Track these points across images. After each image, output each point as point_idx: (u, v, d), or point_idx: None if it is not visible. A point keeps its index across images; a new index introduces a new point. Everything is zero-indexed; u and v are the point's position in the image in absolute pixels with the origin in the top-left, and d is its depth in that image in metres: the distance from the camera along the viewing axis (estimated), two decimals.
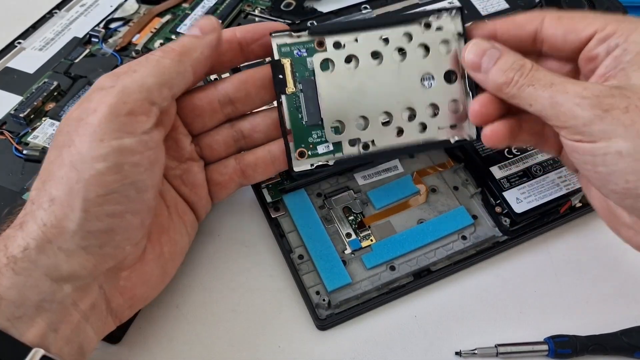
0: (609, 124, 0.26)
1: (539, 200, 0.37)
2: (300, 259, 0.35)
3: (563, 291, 0.36)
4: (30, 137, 0.42)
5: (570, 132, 0.27)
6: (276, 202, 0.38)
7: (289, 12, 0.53)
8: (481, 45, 0.30)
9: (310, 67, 0.32)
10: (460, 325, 0.34)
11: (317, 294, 0.34)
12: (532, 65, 0.29)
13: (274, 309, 0.35)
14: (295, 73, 0.32)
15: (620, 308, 0.35)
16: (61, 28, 0.52)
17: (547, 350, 0.32)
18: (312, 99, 0.32)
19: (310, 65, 0.32)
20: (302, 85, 0.32)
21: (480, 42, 0.31)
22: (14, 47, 0.50)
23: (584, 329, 0.33)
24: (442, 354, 0.33)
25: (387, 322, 0.34)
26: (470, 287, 0.36)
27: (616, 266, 0.37)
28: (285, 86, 0.32)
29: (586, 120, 0.26)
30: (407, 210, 0.38)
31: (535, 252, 0.38)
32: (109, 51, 0.49)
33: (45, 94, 0.44)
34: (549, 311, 0.35)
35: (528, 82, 0.28)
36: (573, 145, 0.27)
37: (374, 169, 0.40)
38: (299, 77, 0.32)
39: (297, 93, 0.32)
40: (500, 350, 0.32)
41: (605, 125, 0.26)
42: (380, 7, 0.50)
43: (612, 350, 0.33)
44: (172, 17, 0.52)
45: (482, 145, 0.40)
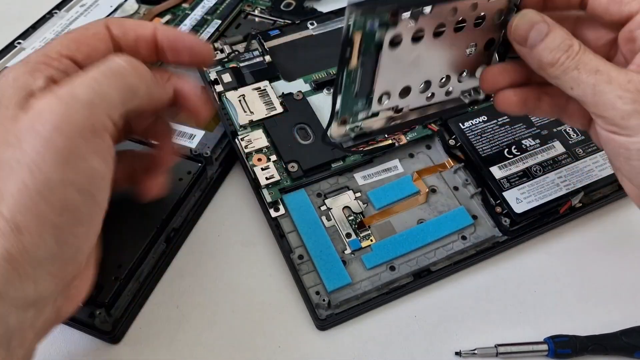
0: None
1: (538, 200, 0.37)
2: (300, 259, 0.35)
3: (563, 291, 0.36)
4: None
5: (607, 122, 0.27)
6: (276, 202, 0.38)
7: (289, 12, 0.53)
8: (531, 17, 0.29)
9: (378, 41, 0.30)
10: (460, 325, 0.34)
11: (317, 294, 0.34)
12: (580, 47, 0.28)
13: (273, 309, 0.35)
14: (362, 47, 0.30)
15: (620, 308, 0.35)
16: (61, 28, 0.52)
17: (547, 350, 0.32)
18: (370, 74, 0.31)
19: (379, 39, 0.29)
20: (363, 59, 0.30)
21: (530, 13, 0.29)
22: (14, 47, 0.50)
23: (583, 329, 0.33)
24: (442, 354, 0.33)
25: (387, 322, 0.34)
26: (470, 287, 0.36)
27: (616, 266, 0.37)
28: (349, 63, 0.30)
29: (625, 113, 0.26)
30: (407, 210, 0.38)
31: (535, 252, 0.38)
32: None
33: None
34: (549, 311, 0.35)
35: (574, 65, 0.27)
36: (608, 135, 0.27)
37: (374, 169, 0.40)
38: (363, 50, 0.30)
39: (357, 67, 0.30)
40: (500, 350, 0.32)
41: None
42: None
43: (612, 350, 0.33)
44: (172, 17, 0.52)
45: (482, 145, 0.40)
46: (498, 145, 0.40)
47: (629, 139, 0.26)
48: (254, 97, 0.42)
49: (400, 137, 0.40)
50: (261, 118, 0.41)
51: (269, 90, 0.42)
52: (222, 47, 0.45)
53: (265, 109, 0.41)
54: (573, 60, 0.27)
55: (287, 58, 0.45)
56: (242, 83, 0.43)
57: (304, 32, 0.47)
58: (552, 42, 0.28)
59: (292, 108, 0.42)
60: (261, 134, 0.40)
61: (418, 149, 0.41)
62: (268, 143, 0.40)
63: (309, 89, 0.43)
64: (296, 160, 0.39)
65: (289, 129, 0.40)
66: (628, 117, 0.26)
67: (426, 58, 0.31)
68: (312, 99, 0.42)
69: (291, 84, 0.43)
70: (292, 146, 0.39)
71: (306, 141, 0.40)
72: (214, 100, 0.43)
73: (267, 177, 0.38)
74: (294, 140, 0.40)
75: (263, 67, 0.44)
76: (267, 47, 0.45)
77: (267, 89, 0.42)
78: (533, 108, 0.32)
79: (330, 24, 0.48)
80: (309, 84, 0.43)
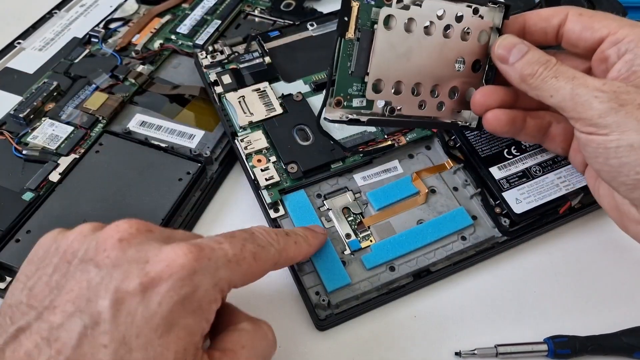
0: (623, 117, 0.27)
1: (538, 200, 0.37)
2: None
3: (562, 291, 0.36)
4: (29, 137, 0.42)
5: (585, 123, 0.29)
6: (276, 203, 0.38)
7: (288, 12, 0.53)
8: (511, 40, 0.32)
9: (374, 18, 0.32)
10: (460, 326, 0.34)
11: (317, 295, 0.34)
12: (557, 61, 0.30)
13: (273, 309, 0.35)
14: (359, 20, 0.32)
15: (620, 308, 0.35)
16: (61, 28, 0.52)
17: (547, 350, 0.32)
18: (365, 50, 0.32)
19: (375, 16, 0.32)
20: (360, 34, 0.32)
21: (511, 37, 0.32)
22: (14, 47, 0.50)
23: (583, 329, 0.33)
24: (442, 354, 0.33)
25: (387, 323, 0.35)
26: (470, 287, 0.36)
27: (615, 266, 0.37)
28: (347, 30, 0.31)
29: (602, 112, 0.28)
30: (406, 211, 0.38)
31: (535, 253, 0.38)
32: (109, 51, 0.49)
33: (45, 94, 0.44)
34: (549, 311, 0.35)
35: (552, 74, 0.30)
36: (587, 138, 0.29)
37: (373, 170, 0.40)
38: (360, 24, 0.32)
39: (353, 41, 0.32)
40: (499, 351, 0.33)
41: (620, 118, 0.27)
42: None
43: (611, 351, 0.33)
44: (172, 17, 0.52)
45: (482, 144, 0.40)
46: (497, 145, 0.40)
47: (606, 138, 0.28)
48: (254, 98, 0.42)
49: (399, 137, 0.41)
50: (261, 119, 0.41)
51: (269, 92, 0.42)
52: (222, 48, 0.45)
53: (265, 110, 0.41)
54: (551, 70, 0.30)
55: (286, 59, 0.45)
56: (241, 84, 0.43)
57: (304, 33, 0.48)
58: (531, 57, 0.31)
59: (291, 109, 0.42)
60: (261, 135, 0.40)
61: (417, 150, 0.41)
62: (268, 144, 0.40)
63: (308, 90, 0.43)
64: (296, 161, 0.39)
65: (289, 130, 0.40)
66: (605, 115, 0.28)
67: (417, 54, 0.33)
68: (312, 100, 0.42)
69: (291, 85, 0.43)
70: (291, 147, 0.39)
71: (306, 142, 0.40)
72: (214, 102, 0.43)
73: (267, 178, 0.38)
74: (293, 141, 0.40)
75: (263, 68, 0.44)
76: (266, 49, 0.45)
77: (267, 90, 0.43)
78: (520, 128, 0.35)
79: (330, 25, 0.48)
80: (309, 85, 0.43)
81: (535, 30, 0.34)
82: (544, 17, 0.33)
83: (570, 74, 0.30)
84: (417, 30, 0.33)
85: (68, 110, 0.44)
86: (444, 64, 0.34)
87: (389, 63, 0.33)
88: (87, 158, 0.40)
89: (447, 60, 0.34)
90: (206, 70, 0.44)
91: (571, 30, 0.32)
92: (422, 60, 0.33)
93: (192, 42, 0.50)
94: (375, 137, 0.40)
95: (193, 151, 0.42)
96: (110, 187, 0.38)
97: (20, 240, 0.36)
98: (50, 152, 0.41)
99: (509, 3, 0.35)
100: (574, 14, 0.32)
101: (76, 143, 0.42)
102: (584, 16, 0.32)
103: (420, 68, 0.33)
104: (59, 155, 0.41)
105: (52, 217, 0.37)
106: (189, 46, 0.49)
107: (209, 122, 0.44)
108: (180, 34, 0.50)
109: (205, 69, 0.44)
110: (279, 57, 0.45)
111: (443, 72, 0.34)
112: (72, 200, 0.38)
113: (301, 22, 0.48)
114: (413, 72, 0.33)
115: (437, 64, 0.34)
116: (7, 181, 0.39)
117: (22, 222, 0.36)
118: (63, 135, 0.42)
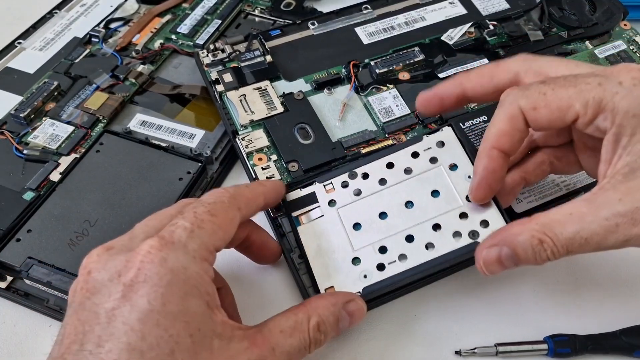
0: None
1: (539, 200, 0.37)
2: (300, 259, 0.35)
3: (563, 290, 0.36)
4: (30, 137, 0.42)
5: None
6: None
7: (289, 12, 0.53)
8: (487, 253, 0.29)
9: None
10: (460, 325, 0.34)
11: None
12: (547, 232, 0.27)
13: (273, 309, 0.35)
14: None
15: (620, 307, 0.35)
16: (61, 28, 0.52)
17: (547, 349, 0.32)
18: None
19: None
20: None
21: (480, 250, 0.29)
22: (14, 47, 0.50)
23: (583, 328, 0.33)
24: (442, 353, 0.33)
25: (387, 322, 0.35)
26: (470, 286, 0.36)
27: (615, 266, 0.37)
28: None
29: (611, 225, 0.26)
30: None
31: None
32: (109, 51, 0.49)
33: (45, 94, 0.44)
34: (549, 310, 0.35)
35: (557, 247, 0.27)
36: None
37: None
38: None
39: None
40: (500, 350, 0.33)
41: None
42: (381, 7, 0.50)
43: (611, 350, 0.33)
44: (172, 17, 0.52)
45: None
46: None
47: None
48: (255, 97, 0.42)
49: (400, 136, 0.41)
50: (262, 118, 0.41)
51: (270, 90, 0.42)
52: (223, 46, 0.45)
53: (266, 108, 0.41)
54: (552, 245, 0.27)
55: (288, 58, 0.46)
56: (243, 83, 0.43)
57: (305, 32, 0.48)
58: (524, 253, 0.27)
59: (292, 108, 0.42)
60: (262, 134, 0.40)
61: None
62: (269, 143, 0.40)
63: (309, 88, 0.43)
64: (297, 159, 0.39)
65: (290, 129, 0.40)
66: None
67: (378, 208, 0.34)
68: (313, 99, 0.42)
69: (292, 84, 0.43)
70: (292, 146, 0.39)
71: (307, 141, 0.40)
72: (215, 100, 0.43)
73: (268, 177, 0.38)
74: (294, 140, 0.40)
75: (264, 66, 0.44)
76: (268, 47, 0.45)
77: (268, 88, 0.43)
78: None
79: (331, 24, 0.48)
80: (310, 83, 0.43)
81: (515, 146, 0.30)
82: (507, 131, 0.29)
83: (570, 232, 0.27)
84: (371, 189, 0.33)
85: (68, 110, 0.44)
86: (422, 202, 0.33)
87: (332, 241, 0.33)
88: (87, 158, 0.40)
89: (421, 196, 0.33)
90: (207, 68, 0.44)
91: (538, 126, 0.29)
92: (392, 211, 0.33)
93: (193, 42, 0.50)
94: (376, 136, 0.40)
95: (193, 151, 0.42)
96: (111, 186, 0.38)
97: (20, 239, 0.36)
98: (51, 151, 0.41)
99: (451, 123, 0.34)
100: (528, 110, 0.29)
101: (77, 143, 0.42)
102: (540, 109, 0.28)
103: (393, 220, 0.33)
104: (59, 154, 0.41)
105: (53, 216, 0.37)
106: (190, 46, 0.49)
107: (210, 121, 0.44)
108: (180, 34, 0.50)
109: (207, 67, 0.44)
110: (280, 55, 0.45)
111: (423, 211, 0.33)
112: (73, 199, 0.38)
113: (302, 21, 0.48)
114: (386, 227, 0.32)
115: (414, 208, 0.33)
116: (7, 181, 0.39)
117: (22, 221, 0.36)
118: (64, 135, 0.42)
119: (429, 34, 0.47)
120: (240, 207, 0.30)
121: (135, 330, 0.23)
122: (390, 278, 0.31)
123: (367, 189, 0.33)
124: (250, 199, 0.31)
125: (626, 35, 0.47)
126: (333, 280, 0.32)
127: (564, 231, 0.26)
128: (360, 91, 0.43)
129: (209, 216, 0.28)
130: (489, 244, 0.29)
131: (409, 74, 0.44)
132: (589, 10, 0.48)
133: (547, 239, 0.27)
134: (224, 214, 0.28)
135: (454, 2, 0.50)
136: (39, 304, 0.34)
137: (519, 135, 0.30)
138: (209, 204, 0.28)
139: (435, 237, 0.32)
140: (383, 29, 0.48)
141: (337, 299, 0.30)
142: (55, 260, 0.35)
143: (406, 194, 0.33)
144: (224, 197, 0.29)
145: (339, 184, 0.34)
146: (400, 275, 0.31)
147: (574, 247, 0.27)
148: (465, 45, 0.46)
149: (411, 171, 0.33)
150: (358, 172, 0.34)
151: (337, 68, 0.44)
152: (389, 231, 0.32)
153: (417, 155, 0.34)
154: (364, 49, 0.46)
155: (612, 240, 0.26)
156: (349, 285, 0.31)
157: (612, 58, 0.45)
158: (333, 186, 0.34)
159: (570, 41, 0.46)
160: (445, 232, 0.32)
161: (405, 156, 0.34)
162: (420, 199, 0.33)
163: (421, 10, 0.49)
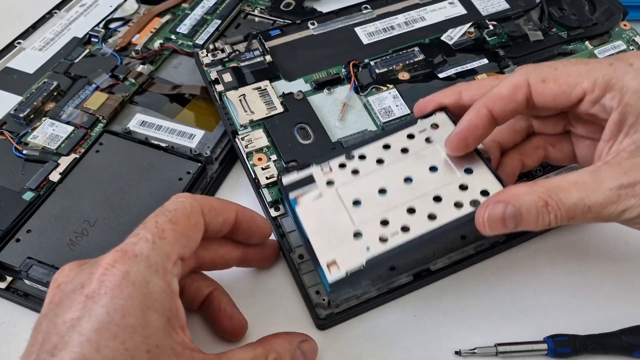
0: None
1: None
2: (300, 259, 0.35)
3: (563, 291, 0.36)
4: (30, 137, 0.42)
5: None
6: (276, 202, 0.38)
7: (288, 12, 0.53)
8: (492, 209, 0.28)
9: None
10: (460, 325, 0.34)
11: (317, 294, 0.34)
12: (549, 193, 0.27)
13: (273, 309, 0.35)
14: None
15: (620, 307, 0.35)
16: (61, 28, 0.52)
17: (547, 349, 0.32)
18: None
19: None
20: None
21: (492, 214, 0.28)
22: (14, 47, 0.50)
23: (583, 328, 0.33)
24: (442, 353, 0.33)
25: (387, 322, 0.35)
26: (470, 286, 0.36)
27: (616, 266, 0.37)
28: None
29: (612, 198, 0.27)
30: None
31: (535, 252, 0.38)
32: (109, 51, 0.49)
33: (45, 94, 0.44)
34: (549, 311, 0.35)
35: (560, 212, 0.27)
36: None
37: None
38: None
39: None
40: (499, 350, 0.33)
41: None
42: (380, 7, 0.50)
43: (611, 350, 0.33)
44: (172, 17, 0.52)
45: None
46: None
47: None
48: (255, 97, 0.42)
49: None
50: (261, 118, 0.41)
51: (270, 90, 0.42)
52: (222, 46, 0.45)
53: (266, 108, 0.41)
54: (557, 209, 0.27)
55: (287, 58, 0.45)
56: (242, 82, 0.43)
57: (305, 32, 0.48)
58: (527, 213, 0.28)
59: (292, 108, 0.42)
60: (261, 134, 0.40)
61: None
62: (268, 143, 0.40)
63: (309, 88, 0.43)
64: (296, 159, 0.39)
65: (290, 129, 0.40)
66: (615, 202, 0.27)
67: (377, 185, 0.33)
68: (313, 99, 0.42)
69: (292, 84, 0.43)
70: (292, 146, 0.39)
71: (306, 141, 0.40)
72: (215, 100, 0.43)
73: (268, 177, 0.38)
74: (294, 140, 0.40)
75: (264, 66, 0.44)
76: (267, 47, 0.45)
77: (268, 88, 0.43)
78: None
79: (330, 24, 0.48)
80: (310, 83, 0.43)
81: (505, 114, 0.31)
82: (506, 97, 0.30)
83: (573, 199, 0.27)
84: (368, 169, 0.33)
85: (68, 110, 0.44)
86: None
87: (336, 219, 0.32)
88: (87, 158, 0.40)
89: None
90: (207, 68, 0.44)
91: (543, 101, 0.30)
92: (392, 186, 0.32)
93: (192, 42, 0.50)
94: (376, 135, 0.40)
95: (193, 151, 0.42)
96: (111, 186, 0.38)
97: (20, 239, 0.36)
98: (51, 151, 0.41)
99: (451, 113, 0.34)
100: (536, 82, 0.30)
101: (76, 143, 0.42)
102: (549, 82, 0.29)
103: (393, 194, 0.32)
104: (59, 155, 0.41)
105: (53, 216, 0.37)
106: (189, 46, 0.49)
107: (209, 121, 0.44)
108: (180, 34, 0.50)
109: (206, 67, 0.44)
110: (280, 55, 0.45)
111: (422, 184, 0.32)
112: (73, 199, 0.38)
113: (302, 21, 0.48)
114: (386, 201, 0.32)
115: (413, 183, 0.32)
116: (7, 181, 0.39)
117: (22, 221, 0.36)
118: (63, 135, 0.42)
119: (429, 34, 0.47)
120: (205, 212, 0.29)
121: (90, 341, 0.23)
122: (393, 249, 0.30)
123: (365, 168, 0.33)
124: (216, 207, 0.30)
125: (626, 36, 0.47)
126: (335, 254, 0.30)
127: (569, 197, 0.27)
128: (360, 91, 0.43)
129: (170, 225, 0.27)
130: (495, 199, 0.29)
131: (409, 74, 0.44)
132: (588, 11, 0.48)
133: (553, 202, 0.27)
134: (185, 220, 0.28)
135: (453, 2, 0.50)
136: (38, 304, 0.34)
137: (513, 106, 0.30)
138: (170, 212, 0.28)
139: (437, 207, 0.31)
140: (383, 29, 0.48)
141: (293, 338, 0.30)
142: (55, 261, 0.35)
143: (404, 170, 0.33)
144: (185, 203, 0.28)
145: (337, 166, 0.33)
146: (403, 246, 0.30)
147: (576, 213, 0.27)
148: (465, 45, 0.46)
149: (408, 150, 0.33)
150: (355, 154, 0.34)
151: (337, 68, 0.44)
152: (389, 205, 0.32)
153: (412, 136, 0.34)
154: (364, 49, 0.46)
155: (611, 209, 0.27)
156: (352, 258, 0.30)
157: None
158: (330, 168, 0.33)
159: (570, 41, 0.47)
160: (447, 202, 0.32)
161: (401, 138, 0.34)
162: (418, 174, 0.33)
163: (421, 10, 0.49)
